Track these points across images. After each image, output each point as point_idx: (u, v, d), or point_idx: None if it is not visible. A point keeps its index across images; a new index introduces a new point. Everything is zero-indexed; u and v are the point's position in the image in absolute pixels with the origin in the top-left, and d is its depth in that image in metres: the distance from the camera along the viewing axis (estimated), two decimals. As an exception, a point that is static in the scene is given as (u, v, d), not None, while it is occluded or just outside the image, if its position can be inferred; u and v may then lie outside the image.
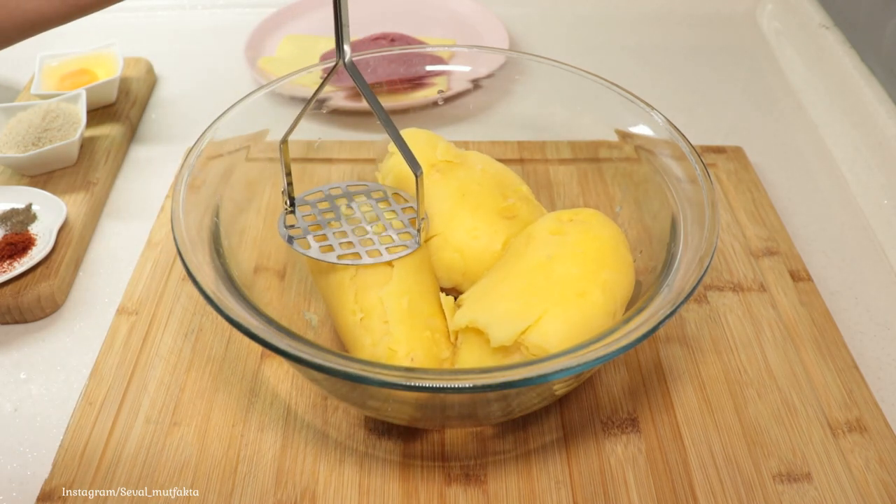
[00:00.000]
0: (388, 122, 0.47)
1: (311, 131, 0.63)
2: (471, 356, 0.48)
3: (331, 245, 0.50)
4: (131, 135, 0.79)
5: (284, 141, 0.51)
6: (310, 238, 0.51)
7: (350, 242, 0.51)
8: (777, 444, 0.50)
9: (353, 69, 0.47)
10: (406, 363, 0.46)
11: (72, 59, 0.82)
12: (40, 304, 0.59)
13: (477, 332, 0.47)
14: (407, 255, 0.50)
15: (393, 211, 0.54)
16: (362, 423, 0.51)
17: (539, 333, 0.44)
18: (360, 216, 0.53)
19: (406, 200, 0.55)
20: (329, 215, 0.53)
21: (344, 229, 0.52)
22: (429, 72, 0.66)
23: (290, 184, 0.52)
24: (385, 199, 0.55)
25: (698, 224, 0.47)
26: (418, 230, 0.51)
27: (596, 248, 0.49)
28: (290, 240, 0.51)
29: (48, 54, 0.81)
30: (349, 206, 0.54)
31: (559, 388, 0.48)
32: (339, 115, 0.67)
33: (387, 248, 0.50)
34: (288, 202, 0.53)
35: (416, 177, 0.47)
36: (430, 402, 0.47)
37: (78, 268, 0.64)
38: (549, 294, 0.46)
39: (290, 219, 0.53)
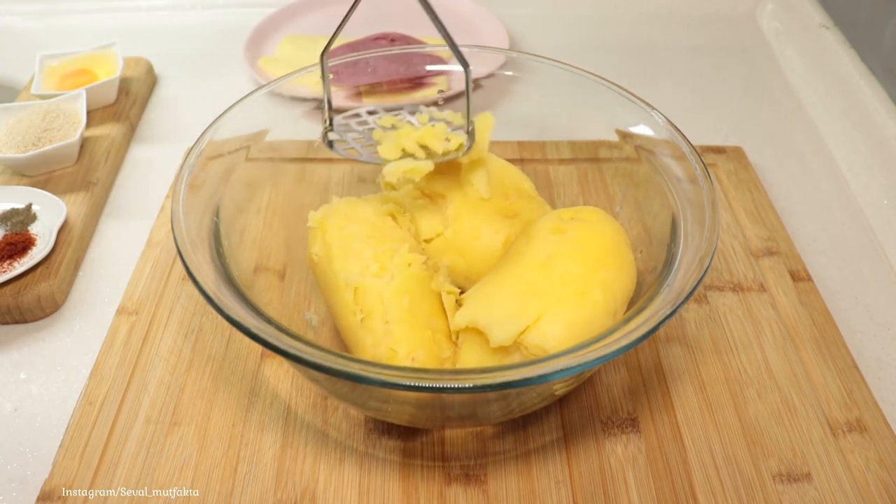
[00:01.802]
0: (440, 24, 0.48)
1: (311, 131, 0.63)
2: (472, 356, 0.48)
3: (376, 149, 0.48)
4: (131, 135, 0.79)
5: (325, 52, 0.50)
6: (357, 145, 0.48)
7: (401, 147, 0.49)
8: (777, 444, 0.50)
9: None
10: (407, 363, 0.46)
11: (72, 59, 0.82)
12: (40, 304, 0.59)
13: (477, 332, 0.47)
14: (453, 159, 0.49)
15: (433, 124, 0.53)
16: (362, 423, 0.51)
17: (537, 334, 0.44)
18: (404, 123, 0.51)
19: (445, 119, 0.53)
20: (373, 130, 0.51)
21: (388, 133, 0.50)
22: (429, 72, 0.66)
23: (329, 102, 0.51)
24: (420, 112, 0.54)
25: (698, 224, 0.47)
26: (469, 132, 0.50)
27: (596, 247, 0.49)
28: (331, 144, 0.48)
29: (48, 54, 0.81)
30: (394, 116, 0.53)
31: (559, 388, 0.48)
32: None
33: (438, 150, 0.48)
34: (328, 120, 0.51)
35: (466, 72, 0.48)
36: (431, 402, 0.47)
37: (78, 268, 0.64)
38: (548, 294, 0.46)
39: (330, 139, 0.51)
